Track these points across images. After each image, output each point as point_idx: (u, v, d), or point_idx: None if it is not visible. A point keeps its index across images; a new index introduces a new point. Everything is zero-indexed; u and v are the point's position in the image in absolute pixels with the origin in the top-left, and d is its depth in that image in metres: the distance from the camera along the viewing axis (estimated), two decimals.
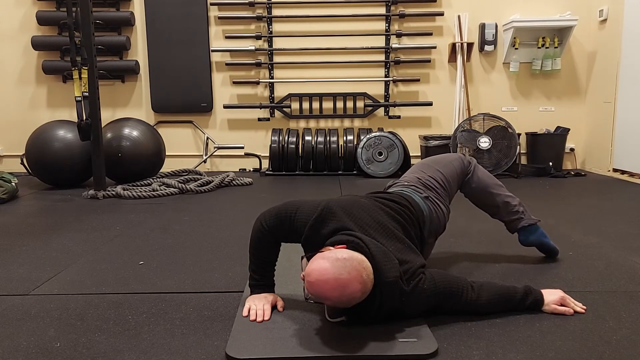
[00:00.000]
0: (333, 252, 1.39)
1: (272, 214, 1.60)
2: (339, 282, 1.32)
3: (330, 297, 1.34)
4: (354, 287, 1.34)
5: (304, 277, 1.39)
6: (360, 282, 1.35)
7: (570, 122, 5.02)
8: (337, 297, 1.34)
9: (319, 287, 1.34)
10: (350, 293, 1.34)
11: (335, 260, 1.34)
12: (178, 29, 5.00)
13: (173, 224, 2.90)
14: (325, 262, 1.34)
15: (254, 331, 1.48)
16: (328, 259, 1.35)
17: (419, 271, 1.52)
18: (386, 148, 4.66)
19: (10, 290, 1.87)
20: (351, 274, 1.33)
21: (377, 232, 1.57)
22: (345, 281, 1.32)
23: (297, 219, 1.57)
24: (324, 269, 1.33)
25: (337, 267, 1.33)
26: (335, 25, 5.05)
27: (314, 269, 1.35)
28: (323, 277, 1.33)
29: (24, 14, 5.06)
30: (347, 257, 1.36)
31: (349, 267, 1.34)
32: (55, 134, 4.04)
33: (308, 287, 1.37)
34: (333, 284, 1.32)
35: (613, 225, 2.78)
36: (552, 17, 4.87)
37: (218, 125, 5.23)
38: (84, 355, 1.37)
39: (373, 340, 1.41)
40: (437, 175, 2.00)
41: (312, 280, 1.34)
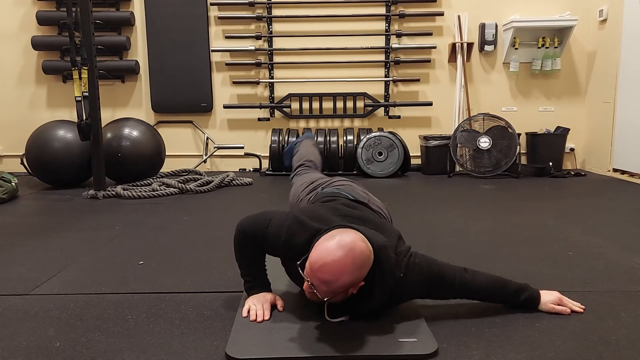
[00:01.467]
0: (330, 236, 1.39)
1: (249, 221, 1.60)
2: (346, 249, 1.34)
3: (338, 268, 1.33)
4: (361, 248, 1.36)
5: (309, 268, 1.37)
6: (363, 241, 1.37)
7: (570, 122, 5.02)
8: (349, 266, 1.34)
9: (331, 259, 1.33)
10: (357, 256, 1.35)
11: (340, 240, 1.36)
12: (178, 29, 5.00)
13: (173, 224, 2.90)
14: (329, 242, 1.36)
15: (254, 331, 1.48)
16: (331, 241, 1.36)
17: (410, 250, 1.54)
18: (386, 148, 4.66)
19: (10, 290, 1.87)
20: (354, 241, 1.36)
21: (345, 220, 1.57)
22: (351, 244, 1.34)
23: (269, 232, 1.55)
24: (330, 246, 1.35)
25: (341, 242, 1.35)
26: (335, 25, 5.05)
27: (321, 249, 1.36)
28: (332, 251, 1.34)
29: (24, 14, 5.06)
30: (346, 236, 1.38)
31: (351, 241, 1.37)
32: (55, 134, 4.04)
33: (316, 263, 1.35)
34: (342, 252, 1.33)
35: (613, 225, 2.79)
36: (552, 17, 4.87)
37: (218, 125, 5.23)
38: (84, 355, 1.38)
39: (373, 340, 1.41)
40: (306, 184, 2.20)
41: (324, 254, 1.34)
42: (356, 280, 1.37)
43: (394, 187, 4.20)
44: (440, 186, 4.20)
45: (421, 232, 2.67)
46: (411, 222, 2.88)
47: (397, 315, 1.57)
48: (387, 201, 3.49)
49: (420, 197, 3.77)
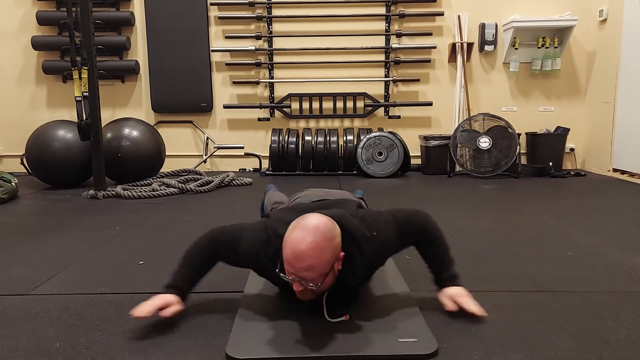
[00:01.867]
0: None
1: (221, 231, 1.61)
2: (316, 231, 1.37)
3: (311, 249, 1.35)
4: (323, 222, 1.40)
5: (289, 265, 1.39)
6: (321, 216, 1.42)
7: (570, 122, 5.02)
8: (320, 248, 1.36)
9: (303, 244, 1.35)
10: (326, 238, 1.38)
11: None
12: (178, 29, 5.01)
13: (173, 224, 2.90)
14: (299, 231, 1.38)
15: (254, 331, 1.48)
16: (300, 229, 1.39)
17: (370, 210, 1.64)
18: (386, 148, 4.66)
19: (10, 290, 1.87)
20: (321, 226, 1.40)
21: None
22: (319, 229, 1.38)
23: (242, 245, 1.56)
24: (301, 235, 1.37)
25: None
26: (335, 25, 5.05)
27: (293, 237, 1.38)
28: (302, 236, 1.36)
29: (24, 14, 5.06)
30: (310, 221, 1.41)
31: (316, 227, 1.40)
32: (55, 134, 4.04)
33: (292, 253, 1.36)
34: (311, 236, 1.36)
35: (613, 225, 2.79)
36: (552, 17, 4.88)
37: (218, 125, 5.23)
38: (84, 355, 1.38)
39: (373, 340, 1.41)
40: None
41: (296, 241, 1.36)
42: (335, 252, 1.41)
43: (394, 187, 4.20)
44: (440, 186, 4.20)
45: None
46: None
47: (397, 315, 1.58)
48: (387, 201, 3.51)
49: (420, 197, 3.77)
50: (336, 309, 1.56)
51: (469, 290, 1.83)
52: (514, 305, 1.68)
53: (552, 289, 1.83)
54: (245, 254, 1.56)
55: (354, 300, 1.70)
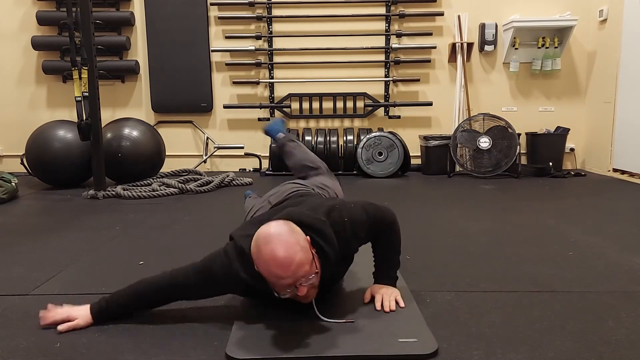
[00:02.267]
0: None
1: (190, 268, 1.56)
2: (287, 243, 1.36)
3: (289, 261, 1.35)
4: (278, 225, 1.41)
5: (273, 281, 1.38)
6: (273, 221, 1.43)
7: (570, 122, 5.02)
8: (293, 256, 1.35)
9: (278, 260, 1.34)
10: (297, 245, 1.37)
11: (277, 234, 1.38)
12: (178, 29, 5.00)
13: (173, 224, 2.90)
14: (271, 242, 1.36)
15: (254, 331, 1.48)
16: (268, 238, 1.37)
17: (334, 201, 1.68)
18: (386, 148, 4.66)
19: (10, 290, 1.87)
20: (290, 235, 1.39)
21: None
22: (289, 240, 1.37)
23: (221, 274, 1.52)
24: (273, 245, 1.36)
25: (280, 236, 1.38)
26: (335, 25, 5.05)
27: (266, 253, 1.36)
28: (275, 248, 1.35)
29: (24, 14, 5.06)
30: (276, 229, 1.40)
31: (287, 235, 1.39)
32: (55, 134, 4.04)
33: (269, 271, 1.36)
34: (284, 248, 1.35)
35: (613, 225, 2.79)
36: (552, 17, 4.87)
37: (218, 125, 5.23)
38: (84, 356, 1.38)
39: (373, 340, 1.41)
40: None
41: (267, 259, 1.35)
42: (303, 238, 1.41)
43: (394, 187, 4.20)
44: (440, 186, 4.20)
45: (421, 232, 2.67)
46: (411, 222, 2.88)
47: (397, 315, 1.58)
48: (387, 201, 3.50)
49: (420, 197, 3.77)
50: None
51: (469, 290, 1.84)
52: (514, 305, 1.68)
53: (552, 289, 1.83)
54: (225, 279, 1.52)
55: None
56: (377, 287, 1.70)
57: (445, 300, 1.73)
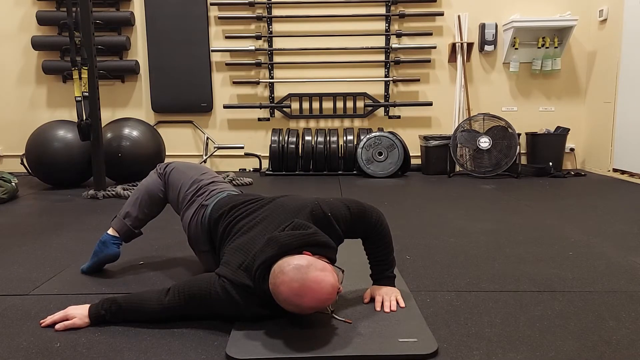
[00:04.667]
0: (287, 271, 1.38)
1: (181, 294, 1.53)
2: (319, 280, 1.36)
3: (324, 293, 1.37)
4: (303, 259, 1.40)
5: (309, 309, 1.39)
6: (291, 258, 1.40)
7: (570, 122, 5.02)
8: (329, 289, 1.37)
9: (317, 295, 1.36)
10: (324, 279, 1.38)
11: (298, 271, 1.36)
12: (178, 29, 5.01)
13: (173, 224, 2.89)
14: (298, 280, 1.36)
15: (254, 331, 1.48)
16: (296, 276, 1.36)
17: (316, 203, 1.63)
18: (386, 148, 4.66)
19: (10, 290, 1.87)
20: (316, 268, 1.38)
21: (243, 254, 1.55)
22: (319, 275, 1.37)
23: (216, 306, 1.51)
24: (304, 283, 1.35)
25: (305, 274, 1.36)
26: (335, 25, 5.05)
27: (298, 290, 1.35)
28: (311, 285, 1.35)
29: (24, 14, 5.06)
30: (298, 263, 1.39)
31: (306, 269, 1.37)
32: (55, 134, 4.03)
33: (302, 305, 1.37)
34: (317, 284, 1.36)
35: (613, 225, 2.79)
36: (552, 17, 4.88)
37: (218, 125, 5.23)
38: (84, 355, 1.37)
39: (373, 340, 1.41)
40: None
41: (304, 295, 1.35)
42: (326, 267, 1.40)
43: (394, 187, 4.20)
44: (440, 186, 4.20)
45: (421, 232, 2.67)
46: (411, 222, 2.88)
47: (397, 315, 1.58)
48: (387, 201, 3.51)
49: (420, 197, 3.77)
50: (339, 307, 1.56)
51: (469, 290, 1.84)
52: (514, 305, 1.68)
53: (553, 289, 1.83)
54: (232, 312, 1.52)
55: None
56: (376, 288, 1.70)
57: (446, 300, 1.73)
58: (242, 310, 1.50)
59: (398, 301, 1.65)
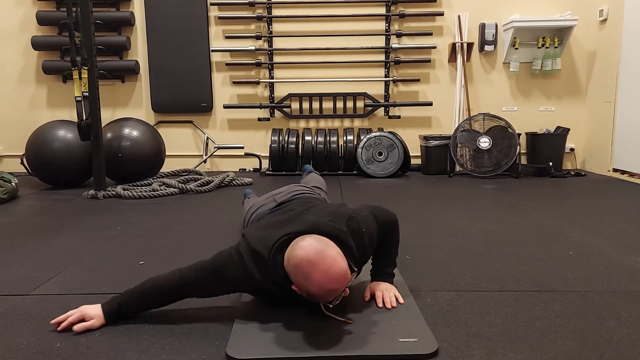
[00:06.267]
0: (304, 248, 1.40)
1: (200, 267, 1.56)
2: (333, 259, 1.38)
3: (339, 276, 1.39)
4: (321, 240, 1.43)
5: (321, 295, 1.40)
6: (314, 237, 1.44)
7: (570, 122, 5.02)
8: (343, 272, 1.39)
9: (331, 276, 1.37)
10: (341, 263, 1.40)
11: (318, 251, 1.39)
12: (178, 29, 5.01)
13: (173, 224, 2.90)
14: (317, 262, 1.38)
15: (254, 331, 1.48)
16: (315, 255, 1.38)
17: (350, 210, 1.66)
18: (386, 148, 4.66)
19: (11, 290, 1.87)
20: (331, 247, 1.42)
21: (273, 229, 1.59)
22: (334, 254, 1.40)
23: (229, 274, 1.53)
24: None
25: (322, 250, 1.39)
26: (335, 25, 5.05)
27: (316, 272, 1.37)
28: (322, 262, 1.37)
29: (24, 14, 5.06)
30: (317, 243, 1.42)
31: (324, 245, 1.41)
32: (55, 134, 4.03)
33: (320, 289, 1.38)
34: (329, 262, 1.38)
35: (613, 225, 2.79)
36: (552, 17, 4.88)
37: (218, 125, 5.23)
38: (85, 355, 1.37)
39: (373, 340, 1.41)
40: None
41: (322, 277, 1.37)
42: (342, 254, 1.43)
43: (394, 187, 4.20)
44: (440, 186, 4.20)
45: (422, 232, 2.67)
46: (411, 222, 2.88)
47: (397, 314, 1.58)
48: (387, 201, 3.50)
49: (421, 197, 3.77)
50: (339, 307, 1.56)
51: (470, 289, 1.84)
52: (514, 305, 1.68)
53: (553, 289, 1.83)
54: (237, 279, 1.53)
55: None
56: (375, 285, 1.72)
57: (446, 299, 1.73)
58: (248, 279, 1.51)
59: (397, 297, 1.66)
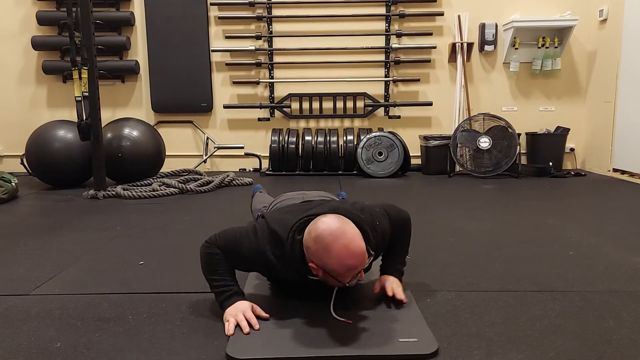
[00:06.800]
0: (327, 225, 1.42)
1: (217, 236, 1.60)
2: (353, 238, 1.40)
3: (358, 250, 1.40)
4: (341, 220, 1.44)
5: (338, 271, 1.41)
6: (335, 215, 1.46)
7: (570, 122, 5.02)
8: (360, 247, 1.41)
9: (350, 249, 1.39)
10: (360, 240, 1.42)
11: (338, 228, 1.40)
12: (178, 29, 5.00)
13: (173, 224, 2.90)
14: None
15: (254, 331, 1.48)
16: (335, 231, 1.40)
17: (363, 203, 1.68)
18: (386, 148, 4.66)
19: (11, 290, 1.87)
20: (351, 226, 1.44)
21: (295, 214, 1.62)
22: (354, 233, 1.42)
23: (244, 247, 1.56)
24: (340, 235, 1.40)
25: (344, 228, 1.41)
26: (335, 25, 5.05)
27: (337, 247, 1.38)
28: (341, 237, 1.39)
29: (24, 14, 5.06)
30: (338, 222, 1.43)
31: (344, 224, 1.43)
32: (55, 134, 4.03)
33: (337, 264, 1.39)
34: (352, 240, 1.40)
35: (613, 225, 2.78)
36: (552, 17, 4.88)
37: (218, 125, 5.23)
38: (85, 356, 1.37)
39: (373, 340, 1.41)
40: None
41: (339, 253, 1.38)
42: (362, 236, 1.44)
43: (394, 187, 4.20)
44: (440, 186, 4.20)
45: (422, 232, 2.67)
46: (412, 222, 2.88)
47: (397, 315, 1.58)
48: (387, 201, 3.50)
49: (421, 197, 3.77)
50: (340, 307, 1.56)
51: (470, 289, 1.84)
52: (514, 305, 1.68)
53: (553, 289, 1.83)
54: (250, 257, 1.56)
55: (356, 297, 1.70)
56: (385, 277, 1.74)
57: (446, 299, 1.73)
58: (261, 258, 1.54)
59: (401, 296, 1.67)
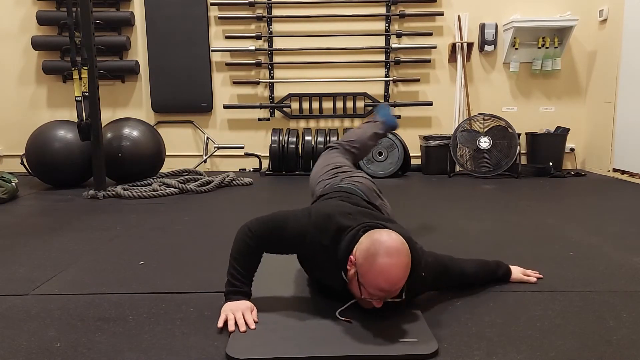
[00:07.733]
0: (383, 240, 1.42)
1: (261, 222, 1.59)
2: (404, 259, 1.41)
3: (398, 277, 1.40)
4: (405, 249, 1.44)
5: (369, 287, 1.41)
6: (403, 243, 1.45)
7: (570, 122, 5.02)
8: (402, 275, 1.41)
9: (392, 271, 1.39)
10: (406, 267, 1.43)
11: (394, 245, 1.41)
12: (178, 29, 5.00)
13: (173, 224, 2.90)
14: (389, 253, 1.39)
15: (254, 331, 1.48)
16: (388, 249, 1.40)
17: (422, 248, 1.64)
18: (386, 148, 4.66)
19: (11, 291, 1.87)
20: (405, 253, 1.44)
21: (367, 217, 1.63)
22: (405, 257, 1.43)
23: (289, 231, 1.56)
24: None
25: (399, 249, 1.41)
26: (335, 25, 5.05)
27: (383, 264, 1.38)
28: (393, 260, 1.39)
29: (24, 14, 5.06)
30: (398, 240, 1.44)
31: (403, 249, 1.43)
32: (55, 134, 4.03)
33: (376, 279, 1.39)
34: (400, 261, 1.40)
35: (613, 225, 2.78)
36: (552, 17, 4.88)
37: (218, 125, 5.23)
38: (85, 356, 1.37)
39: (373, 340, 1.41)
40: (330, 167, 2.25)
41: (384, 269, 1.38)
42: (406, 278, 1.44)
43: (394, 187, 4.20)
44: (440, 186, 4.20)
45: (422, 232, 2.67)
46: (412, 222, 2.88)
47: (397, 315, 1.58)
48: (387, 201, 3.50)
49: (421, 197, 3.77)
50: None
51: (470, 290, 1.84)
52: (514, 305, 1.68)
53: (553, 289, 1.83)
54: (293, 238, 1.57)
55: None
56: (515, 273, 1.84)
57: (446, 299, 1.73)
58: (301, 235, 1.55)
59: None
